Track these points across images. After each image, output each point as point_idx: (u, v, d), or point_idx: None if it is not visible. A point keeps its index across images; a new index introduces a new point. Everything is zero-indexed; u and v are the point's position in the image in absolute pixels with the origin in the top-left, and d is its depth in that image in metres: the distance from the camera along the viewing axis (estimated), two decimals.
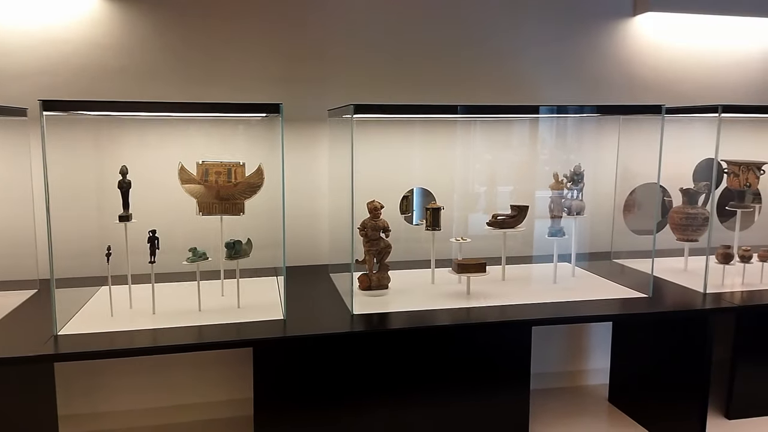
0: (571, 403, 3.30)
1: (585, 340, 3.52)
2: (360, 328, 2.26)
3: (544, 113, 2.99)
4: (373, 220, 2.67)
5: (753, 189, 3.05)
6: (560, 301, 2.58)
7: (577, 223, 2.93)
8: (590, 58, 3.34)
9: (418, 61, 3.15)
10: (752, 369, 3.05)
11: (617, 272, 3.07)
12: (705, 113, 2.89)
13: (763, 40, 3.52)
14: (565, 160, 3.13)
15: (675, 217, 3.04)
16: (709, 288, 2.68)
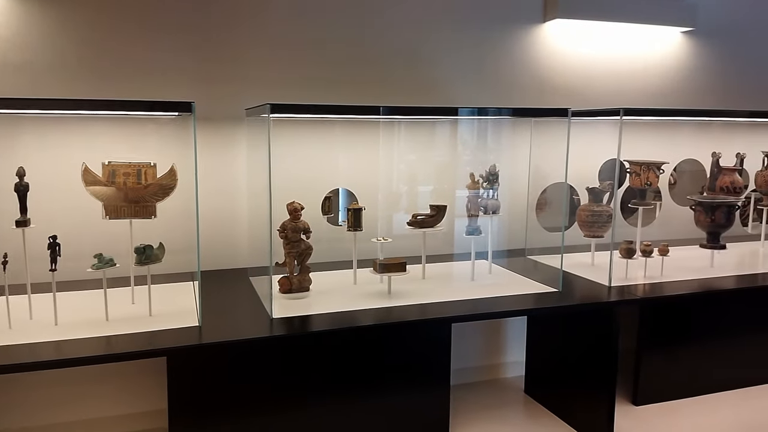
0: (489, 396, 3.40)
1: (502, 334, 3.64)
2: (280, 332, 2.22)
3: (461, 115, 3.07)
4: (293, 221, 2.63)
5: (653, 187, 3.27)
6: (478, 297, 2.65)
7: (493, 222, 3.02)
8: (504, 62, 3.45)
9: (339, 62, 3.14)
10: (656, 357, 3.26)
11: (531, 268, 3.19)
12: (608, 116, 3.06)
13: (661, 47, 3.78)
14: (481, 160, 3.22)
15: (582, 215, 3.20)
16: (614, 281, 2.85)
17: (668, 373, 3.31)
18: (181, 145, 2.42)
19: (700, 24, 3.74)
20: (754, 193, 3.72)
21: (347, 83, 3.16)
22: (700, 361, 3.36)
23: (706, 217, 3.16)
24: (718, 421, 3.11)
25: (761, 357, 3.49)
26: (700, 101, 3.86)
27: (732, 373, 3.43)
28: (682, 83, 3.84)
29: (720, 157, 3.55)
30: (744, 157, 3.61)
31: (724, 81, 3.92)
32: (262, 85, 3.02)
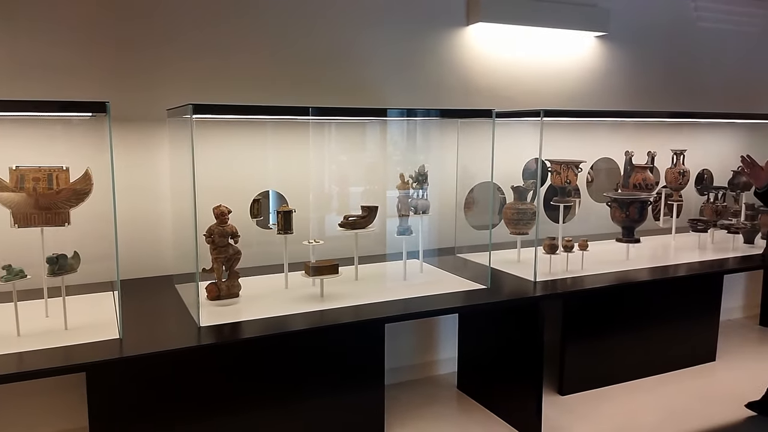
0: (423, 394, 3.44)
1: (434, 332, 3.69)
2: (208, 341, 2.15)
3: (389, 116, 3.08)
4: (221, 225, 2.55)
5: (573, 185, 3.41)
6: (411, 297, 2.67)
7: (424, 221, 3.06)
8: (430, 64, 3.50)
9: (266, 61, 3.08)
10: (579, 348, 3.41)
11: (461, 266, 3.26)
12: (530, 117, 3.17)
13: (577, 51, 3.96)
14: (410, 161, 3.25)
15: (508, 213, 3.30)
16: (539, 276, 2.95)
17: (591, 363, 3.46)
18: (96, 148, 2.30)
19: (613, 29, 3.95)
20: (664, 189, 3.96)
21: (275, 83, 3.10)
22: (620, 349, 3.54)
23: (621, 213, 3.34)
24: (638, 406, 3.29)
25: (675, 343, 3.72)
26: (613, 102, 4.08)
27: (650, 360, 3.64)
28: (596, 85, 4.04)
29: (632, 156, 3.76)
30: (654, 155, 3.84)
31: (635, 83, 4.16)
32: (184, 84, 2.91)
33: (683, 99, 4.33)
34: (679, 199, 3.92)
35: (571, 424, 3.07)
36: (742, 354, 3.99)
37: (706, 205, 3.96)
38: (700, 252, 3.64)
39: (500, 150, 3.40)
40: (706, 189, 4.18)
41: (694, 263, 3.40)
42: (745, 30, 4.52)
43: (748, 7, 4.45)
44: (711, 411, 3.22)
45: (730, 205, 3.98)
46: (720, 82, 4.49)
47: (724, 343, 4.01)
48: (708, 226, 3.78)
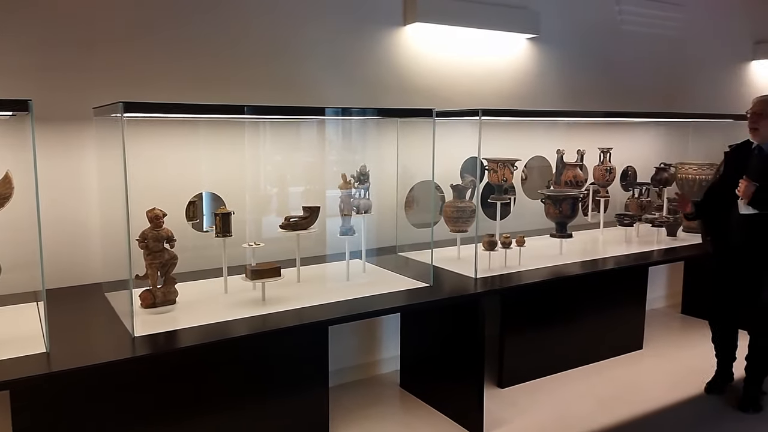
0: (366, 394, 3.44)
1: (377, 332, 3.69)
2: (144, 352, 2.05)
3: (328, 115, 3.05)
4: (155, 229, 2.45)
5: (509, 183, 3.50)
6: (354, 297, 2.65)
7: (366, 221, 3.04)
8: (369, 62, 3.50)
9: (200, 58, 2.97)
10: (517, 341, 3.51)
11: (403, 265, 3.27)
12: (469, 116, 3.22)
13: (510, 52, 4.06)
14: (350, 160, 3.23)
15: (447, 211, 3.34)
16: (479, 273, 3.00)
17: (529, 355, 3.57)
18: (17, 149, 2.14)
19: (543, 31, 4.08)
20: (592, 186, 4.13)
21: (209, 81, 3.00)
22: (555, 341, 3.66)
23: (555, 209, 3.46)
24: (574, 395, 3.42)
25: (606, 333, 3.89)
26: (546, 102, 4.21)
27: (583, 350, 3.79)
28: (530, 86, 4.16)
29: (564, 154, 3.90)
30: (584, 153, 3.99)
31: (565, 84, 4.31)
32: (112, 82, 2.76)
33: (609, 99, 4.54)
34: (606, 195, 4.10)
35: (512, 417, 3.15)
36: (667, 341, 4.23)
37: (632, 200, 4.16)
38: (626, 245, 3.83)
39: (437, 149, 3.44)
40: (630, 185, 4.40)
41: (621, 256, 3.56)
42: (665, 33, 4.79)
43: (667, 11, 4.72)
44: (641, 397, 3.38)
45: (654, 200, 4.20)
46: (642, 82, 4.73)
47: (650, 331, 4.23)
48: (634, 221, 3.97)
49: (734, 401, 3.27)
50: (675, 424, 3.11)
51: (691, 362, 3.80)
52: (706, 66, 5.15)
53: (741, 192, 2.95)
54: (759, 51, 5.43)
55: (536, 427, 3.05)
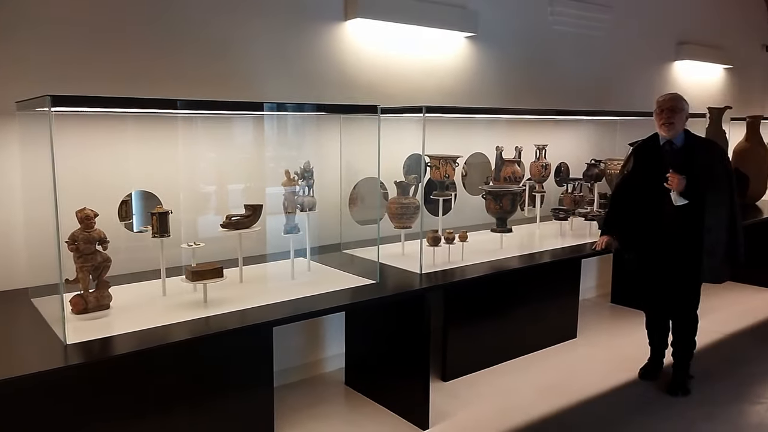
0: (311, 393, 3.40)
1: (321, 330, 3.65)
2: (77, 361, 1.93)
3: (269, 110, 2.98)
4: (86, 231, 2.31)
5: (450, 179, 3.54)
6: (299, 297, 2.61)
7: (310, 219, 3.00)
8: (310, 57, 3.44)
9: (134, 50, 2.83)
10: (461, 334, 3.56)
11: (348, 262, 3.25)
12: (413, 113, 3.23)
13: (450, 50, 4.11)
14: (293, 157, 3.17)
15: (391, 208, 3.34)
16: (424, 269, 3.02)
17: (471, 348, 3.64)
18: None
19: (481, 30, 4.15)
20: (529, 182, 4.25)
21: (144, 75, 2.86)
22: (495, 333, 3.75)
23: (495, 205, 3.53)
24: (514, 385, 3.51)
25: (544, 323, 4.02)
26: (485, 100, 4.29)
27: (522, 341, 3.90)
28: (470, 84, 4.23)
29: (502, 150, 3.99)
30: (521, 149, 4.10)
31: (502, 82, 4.41)
32: (36, 75, 2.58)
33: (544, 97, 4.68)
34: (542, 190, 4.23)
35: (456, 410, 3.20)
36: (599, 330, 4.42)
37: (566, 195, 4.32)
38: (561, 239, 3.96)
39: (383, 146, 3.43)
40: (564, 180, 4.56)
41: (557, 249, 3.69)
42: (594, 34, 4.99)
43: (597, 12, 4.91)
44: (578, 385, 3.52)
45: (586, 195, 4.37)
46: (574, 81, 4.91)
47: (583, 321, 4.41)
48: (568, 215, 4.12)
49: (666, 386, 3.45)
50: (611, 410, 3.25)
51: (623, 350, 3.99)
52: (633, 66, 5.41)
53: (674, 185, 3.09)
54: (681, 52, 5.76)
55: (479, 419, 3.11)
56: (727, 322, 4.54)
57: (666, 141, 3.24)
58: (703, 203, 3.11)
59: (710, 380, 3.53)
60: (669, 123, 3.17)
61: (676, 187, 3.08)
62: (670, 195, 3.15)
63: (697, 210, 3.13)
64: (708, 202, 3.12)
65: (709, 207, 3.12)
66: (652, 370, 3.58)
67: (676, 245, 3.23)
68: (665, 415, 3.15)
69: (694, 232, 3.17)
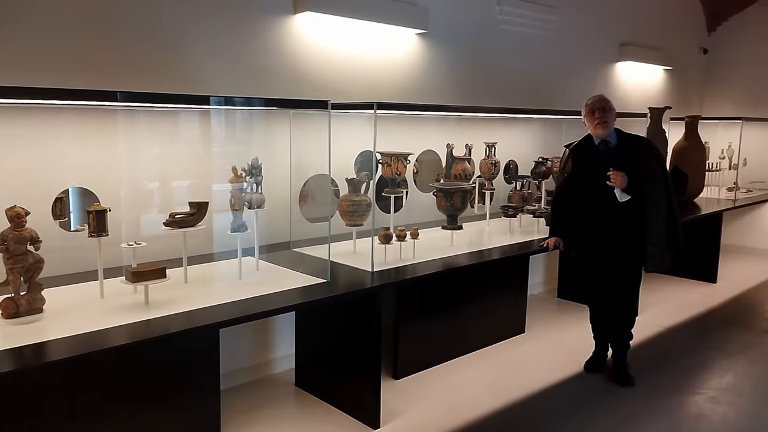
0: (260, 395, 3.32)
1: (271, 330, 3.57)
2: (8, 368, 1.81)
3: (215, 104, 2.88)
4: (16, 230, 2.17)
5: (402, 177, 3.53)
6: (247, 297, 2.53)
7: (258, 216, 2.92)
8: (259, 51, 3.35)
9: (67, 37, 2.67)
10: (412, 332, 3.56)
11: (298, 261, 3.19)
12: (364, 109, 3.19)
13: (402, 46, 4.09)
14: (242, 153, 3.08)
15: (343, 205, 3.30)
16: (376, 266, 3.00)
17: (422, 345, 3.64)
18: None
19: (432, 27, 4.15)
20: (479, 179, 4.29)
21: (83, 64, 2.71)
22: (446, 330, 3.77)
23: (446, 202, 3.54)
24: (464, 381, 3.53)
25: (493, 319, 4.07)
26: (436, 97, 4.30)
27: (471, 337, 3.94)
28: (421, 81, 4.22)
29: (453, 148, 4.01)
30: (471, 147, 4.13)
31: (453, 79, 4.43)
32: None
33: (493, 95, 4.73)
34: (491, 187, 4.28)
35: (407, 407, 3.19)
36: (546, 325, 4.51)
37: (514, 192, 4.38)
38: (510, 235, 4.02)
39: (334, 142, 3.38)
40: (513, 178, 4.63)
41: (506, 246, 3.73)
42: (541, 34, 5.07)
43: (544, 13, 4.99)
44: (526, 379, 3.57)
45: (534, 192, 4.45)
46: (522, 80, 4.98)
47: (531, 316, 4.49)
48: (517, 212, 4.18)
49: (611, 378, 3.55)
50: (557, 404, 3.32)
51: (569, 344, 4.09)
52: (579, 66, 5.54)
53: (617, 183, 3.17)
54: (623, 53, 5.94)
55: (429, 416, 3.11)
56: (667, 316, 4.72)
57: (601, 141, 3.33)
58: (643, 197, 3.21)
59: (651, 373, 3.66)
60: (603, 122, 3.26)
61: (619, 184, 3.17)
62: (611, 192, 3.24)
63: (637, 204, 3.23)
64: (647, 195, 3.23)
65: (648, 199, 3.23)
66: (596, 362, 3.68)
67: (619, 240, 3.32)
68: (609, 408, 3.24)
69: (635, 225, 3.27)
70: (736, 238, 7.09)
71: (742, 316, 4.86)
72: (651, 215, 3.25)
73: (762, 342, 4.24)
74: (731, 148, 6.60)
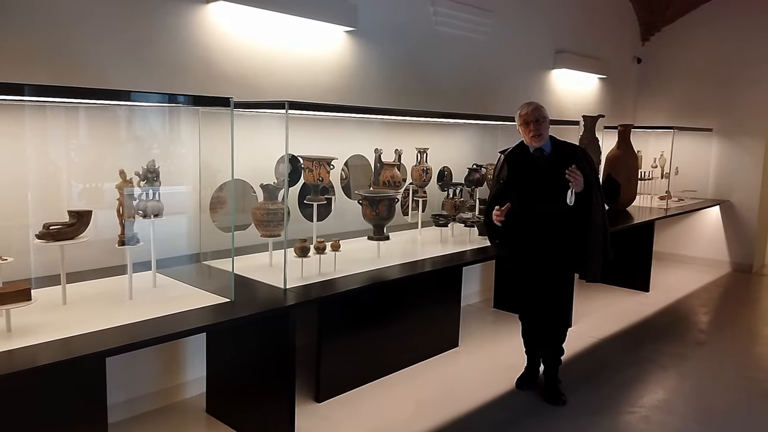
0: (167, 424, 2.99)
1: (180, 351, 3.24)
2: None
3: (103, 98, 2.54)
4: None
5: (326, 182, 3.27)
6: (139, 320, 2.21)
7: (156, 227, 2.59)
8: (165, 43, 3.03)
9: None
10: (335, 351, 3.30)
11: (205, 276, 2.88)
12: (274, 108, 2.92)
13: (328, 44, 3.84)
14: (137, 154, 2.75)
15: (257, 214, 3.02)
16: (291, 283, 2.73)
17: (347, 365, 3.39)
18: None
19: (361, 25, 3.92)
20: (411, 186, 4.09)
21: None
22: (374, 347, 3.54)
23: (372, 211, 3.31)
24: (392, 402, 3.31)
25: (425, 333, 3.87)
26: (365, 99, 4.07)
27: (401, 354, 3.72)
28: (349, 81, 3.99)
29: (381, 153, 3.79)
30: (401, 153, 3.92)
31: (383, 81, 4.21)
32: None
33: (426, 99, 4.55)
34: (423, 195, 4.08)
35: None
36: (480, 338, 4.35)
37: (447, 200, 4.20)
38: (442, 246, 3.83)
39: (249, 145, 3.10)
40: (446, 185, 4.45)
41: (437, 257, 3.53)
42: (477, 38, 4.94)
43: (478, 16, 4.86)
44: (457, 397, 3.38)
45: (467, 200, 4.29)
46: (457, 84, 4.83)
47: (465, 328, 4.32)
48: (449, 221, 4.00)
49: (542, 395, 3.40)
50: (487, 424, 3.14)
51: (504, 358, 3.93)
52: (514, 72, 5.45)
53: (576, 183, 3.04)
54: (559, 60, 5.90)
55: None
56: (601, 327, 4.65)
57: (536, 148, 3.25)
58: (586, 204, 3.12)
59: (584, 388, 3.54)
60: (538, 135, 3.20)
61: (578, 186, 3.05)
62: (546, 200, 3.15)
63: (572, 212, 3.13)
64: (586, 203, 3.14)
65: (588, 207, 3.14)
66: (528, 379, 3.54)
67: (552, 249, 3.23)
68: (539, 429, 3.09)
69: (569, 234, 3.19)
70: (667, 246, 7.21)
71: (674, 326, 4.86)
72: (592, 223, 3.17)
73: (694, 354, 4.21)
74: (663, 157, 6.69)
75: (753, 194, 6.74)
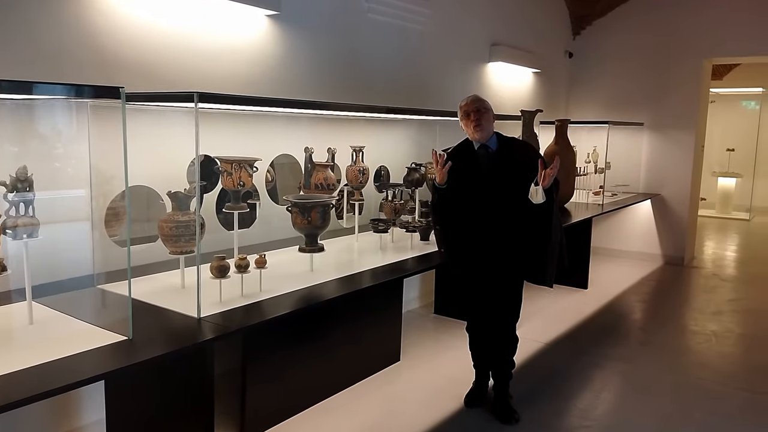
0: None
1: (72, 393, 2.72)
2: None
3: None
4: None
5: (248, 187, 2.84)
6: (7, 372, 1.72)
7: (34, 246, 2.09)
8: (47, 23, 2.50)
9: None
10: (263, 380, 2.89)
11: (98, 305, 2.39)
12: (182, 101, 2.47)
13: (248, 30, 3.39)
14: (7, 158, 2.23)
15: (164, 227, 2.54)
16: (207, 309, 2.29)
17: (278, 394, 2.99)
18: None
19: (285, 9, 3.49)
20: (346, 188, 3.72)
21: None
22: (308, 371, 3.15)
23: (302, 219, 2.90)
24: (334, 428, 2.95)
25: (364, 350, 3.52)
26: (291, 91, 3.65)
27: (339, 374, 3.36)
28: (273, 71, 3.54)
29: (313, 152, 3.39)
30: (335, 152, 3.54)
31: (310, 71, 3.80)
32: None
33: (359, 92, 4.17)
34: (360, 198, 3.72)
35: None
36: (423, 348, 4.04)
37: (386, 203, 3.86)
38: (382, 254, 3.48)
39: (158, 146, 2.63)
40: (384, 186, 4.11)
41: (377, 268, 3.17)
42: (412, 27, 4.61)
43: (414, 5, 4.52)
44: (400, 421, 3.06)
45: (407, 202, 3.96)
46: (392, 77, 4.48)
47: (407, 337, 4.02)
48: (388, 226, 3.66)
49: (493, 413, 3.14)
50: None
51: (449, 371, 3.65)
52: (451, 64, 5.17)
53: (545, 180, 2.76)
54: (494, 53, 5.68)
55: None
56: (544, 330, 4.47)
57: (480, 145, 2.96)
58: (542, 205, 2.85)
59: (536, 402, 3.31)
60: (479, 125, 2.92)
61: (546, 183, 2.77)
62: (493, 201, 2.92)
63: (521, 214, 2.90)
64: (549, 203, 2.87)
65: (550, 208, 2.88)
66: (477, 395, 3.26)
67: (502, 253, 2.98)
68: None
69: (519, 237, 2.95)
70: (601, 241, 7.20)
71: (616, 326, 4.76)
72: (552, 226, 2.92)
73: (639, 356, 4.10)
74: (596, 152, 6.64)
75: (683, 188, 6.83)
